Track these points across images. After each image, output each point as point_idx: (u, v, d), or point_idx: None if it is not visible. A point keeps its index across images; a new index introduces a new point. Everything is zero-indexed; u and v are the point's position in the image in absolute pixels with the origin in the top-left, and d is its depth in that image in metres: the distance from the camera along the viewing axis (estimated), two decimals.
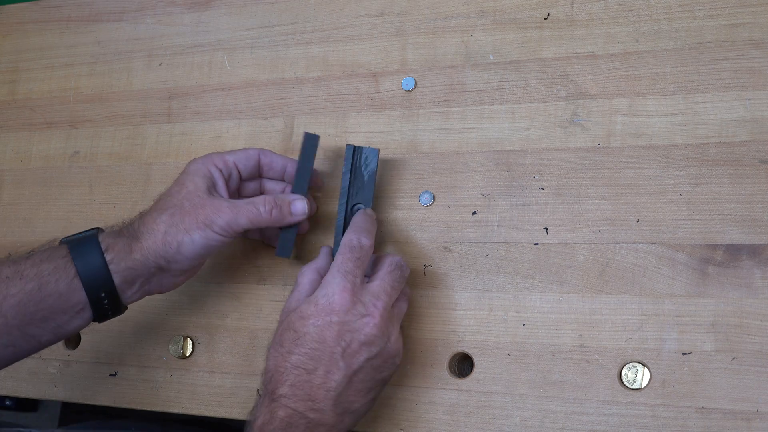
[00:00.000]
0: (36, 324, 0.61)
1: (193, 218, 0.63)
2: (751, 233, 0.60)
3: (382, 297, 0.60)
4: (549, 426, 0.61)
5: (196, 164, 0.67)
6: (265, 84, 0.79)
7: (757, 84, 0.62)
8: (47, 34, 0.91)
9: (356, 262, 0.61)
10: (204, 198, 0.64)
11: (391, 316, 0.61)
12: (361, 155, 0.69)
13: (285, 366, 0.58)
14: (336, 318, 0.59)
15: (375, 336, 0.59)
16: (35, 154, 0.87)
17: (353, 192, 0.68)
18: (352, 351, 0.58)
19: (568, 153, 0.66)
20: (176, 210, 0.64)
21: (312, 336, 0.59)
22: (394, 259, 0.63)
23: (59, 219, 0.83)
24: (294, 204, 0.67)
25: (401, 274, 0.63)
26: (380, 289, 0.61)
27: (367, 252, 0.62)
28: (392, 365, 0.61)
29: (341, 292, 0.59)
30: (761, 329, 0.58)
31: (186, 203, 0.64)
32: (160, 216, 0.64)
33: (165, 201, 0.65)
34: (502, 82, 0.70)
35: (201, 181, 0.65)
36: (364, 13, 0.77)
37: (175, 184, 0.67)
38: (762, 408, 0.57)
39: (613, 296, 0.62)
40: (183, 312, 0.75)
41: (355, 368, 0.59)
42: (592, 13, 0.68)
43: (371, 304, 0.60)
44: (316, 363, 0.58)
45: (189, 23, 0.84)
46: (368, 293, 0.60)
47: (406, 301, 0.64)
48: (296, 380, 0.58)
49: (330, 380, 0.58)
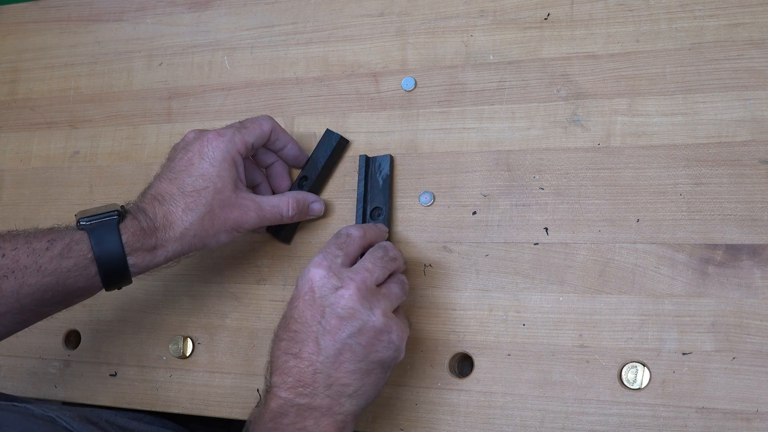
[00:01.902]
0: (51, 306, 0.62)
1: (222, 222, 0.64)
2: (751, 233, 0.60)
3: (361, 272, 0.59)
4: (549, 426, 0.61)
5: (219, 150, 0.64)
6: (265, 84, 0.79)
7: (757, 84, 0.62)
8: (47, 34, 0.91)
9: (339, 245, 0.61)
10: (232, 197, 0.64)
11: (374, 292, 0.58)
12: (375, 163, 0.71)
13: (276, 354, 0.58)
14: (314, 295, 0.58)
15: (352, 309, 0.57)
16: (35, 154, 0.87)
17: (370, 197, 0.70)
18: (332, 327, 0.57)
19: (568, 153, 0.66)
20: (206, 214, 0.63)
21: (294, 318, 0.58)
22: (380, 243, 0.63)
23: (59, 219, 0.83)
24: (312, 206, 0.70)
25: (384, 253, 0.61)
26: (359, 265, 0.59)
27: (355, 240, 0.61)
28: (387, 344, 0.58)
29: (316, 268, 0.59)
30: (761, 329, 0.58)
31: (216, 206, 0.63)
32: (189, 219, 0.62)
33: (193, 199, 0.63)
34: (502, 82, 0.70)
35: (228, 174, 0.64)
36: (364, 13, 0.77)
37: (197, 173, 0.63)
38: (762, 408, 0.57)
39: (613, 296, 0.62)
40: (183, 312, 0.75)
41: (338, 346, 0.56)
42: (592, 13, 0.68)
43: (347, 277, 0.58)
44: (300, 345, 0.57)
45: (189, 23, 0.84)
46: (347, 271, 0.59)
47: (399, 285, 0.62)
48: (284, 366, 0.57)
49: (315, 361, 0.56)
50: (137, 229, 0.61)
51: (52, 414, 0.59)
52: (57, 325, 0.79)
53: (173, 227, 0.62)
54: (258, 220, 0.65)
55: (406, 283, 0.63)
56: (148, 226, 0.62)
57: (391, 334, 0.58)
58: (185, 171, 0.64)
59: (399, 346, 0.59)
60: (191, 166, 0.64)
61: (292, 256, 0.73)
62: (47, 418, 0.58)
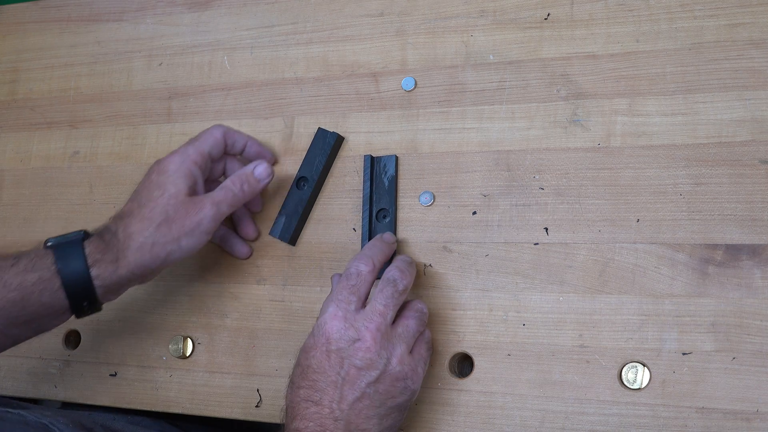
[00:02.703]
0: (18, 326, 0.62)
1: (180, 226, 0.64)
2: (751, 233, 0.60)
3: (375, 318, 0.59)
4: (549, 426, 0.61)
5: (174, 163, 0.66)
6: (265, 84, 0.79)
7: (757, 84, 0.62)
8: (47, 34, 0.91)
9: (350, 289, 0.60)
10: (187, 201, 0.65)
11: (389, 337, 0.59)
12: (380, 163, 0.70)
13: (296, 400, 0.59)
14: (331, 347, 0.59)
15: (370, 360, 0.58)
16: (35, 154, 0.87)
17: (376, 198, 0.70)
18: (351, 378, 0.58)
19: (568, 153, 0.66)
20: (163, 221, 0.64)
21: (313, 368, 0.59)
22: (387, 274, 0.62)
23: (59, 219, 0.83)
24: (255, 172, 0.68)
25: (394, 289, 0.61)
26: (371, 310, 0.60)
27: (365, 277, 0.61)
28: (404, 390, 0.59)
29: (332, 320, 0.59)
30: (761, 329, 0.58)
31: (170, 210, 0.64)
32: (146, 228, 0.63)
33: (149, 209, 0.64)
34: (502, 82, 0.70)
35: (183, 182, 0.65)
36: (364, 13, 0.77)
37: (154, 186, 0.65)
38: (762, 408, 0.57)
39: (613, 296, 0.62)
40: (183, 312, 0.75)
41: (357, 394, 0.58)
42: (592, 13, 0.68)
43: (363, 328, 0.59)
44: (321, 393, 0.58)
45: (189, 23, 0.84)
46: (361, 317, 0.59)
47: (415, 318, 0.62)
48: (305, 412, 0.58)
49: (335, 409, 0.57)
50: (99, 243, 0.63)
51: (45, 421, 0.59)
52: None
53: (132, 237, 0.63)
54: (215, 210, 0.65)
55: (424, 312, 0.63)
56: (109, 240, 0.64)
57: (407, 380, 0.59)
58: (144, 188, 0.66)
59: (415, 390, 0.60)
60: (150, 182, 0.66)
61: (292, 256, 0.73)
62: (40, 426, 0.58)
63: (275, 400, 0.70)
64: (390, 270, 0.62)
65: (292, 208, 0.72)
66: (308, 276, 0.72)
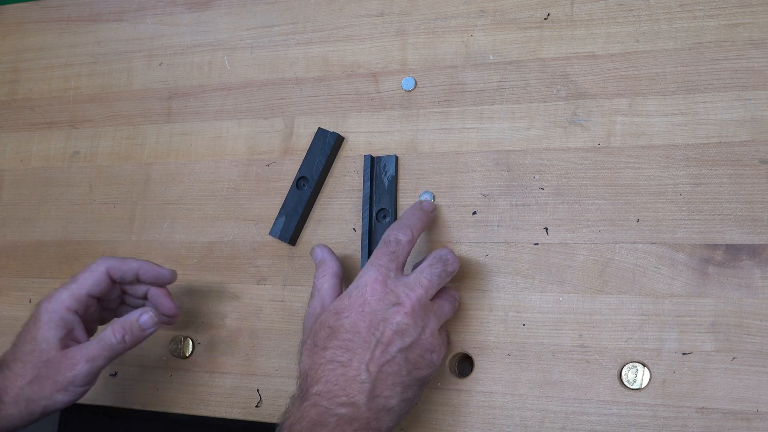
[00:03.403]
0: None
1: (52, 383, 0.63)
2: (751, 233, 0.60)
3: (417, 289, 0.60)
4: (549, 426, 0.61)
5: (47, 311, 0.64)
6: (265, 84, 0.79)
7: (757, 84, 0.62)
8: (47, 34, 0.91)
9: (390, 256, 0.61)
10: (57, 357, 0.63)
11: (427, 309, 0.60)
12: (380, 163, 0.70)
13: (320, 363, 0.58)
14: (368, 308, 0.58)
15: (407, 324, 0.58)
16: (35, 154, 0.87)
17: (376, 198, 0.70)
18: (385, 340, 0.58)
19: (568, 153, 0.66)
20: (34, 378, 0.62)
21: (346, 328, 0.58)
22: (439, 252, 0.62)
23: (59, 219, 0.83)
24: (141, 320, 0.65)
25: (443, 268, 0.61)
26: (415, 281, 0.60)
27: (404, 246, 0.61)
28: (429, 363, 0.59)
29: (373, 283, 0.59)
30: (761, 329, 0.58)
31: (41, 368, 0.63)
32: (19, 384, 0.62)
33: (21, 365, 0.63)
34: (502, 82, 0.70)
35: (54, 333, 0.63)
36: (364, 13, 0.77)
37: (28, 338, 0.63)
38: (762, 408, 0.57)
39: (613, 296, 0.62)
40: (183, 312, 0.75)
41: (387, 358, 0.57)
42: (592, 13, 0.68)
43: (404, 294, 0.59)
44: (351, 354, 0.57)
45: (189, 23, 0.84)
46: (402, 284, 0.60)
47: (450, 302, 0.63)
48: (331, 375, 0.57)
49: (363, 371, 0.57)
50: None
51: None
52: None
53: (7, 392, 0.63)
54: (91, 366, 0.63)
55: (457, 299, 0.64)
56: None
57: (434, 354, 0.60)
58: (22, 336, 0.65)
59: (437, 366, 0.61)
60: (26, 331, 0.65)
61: (293, 256, 0.73)
62: None
63: (275, 400, 0.70)
64: (443, 250, 0.62)
65: (292, 208, 0.72)
66: (308, 276, 0.72)
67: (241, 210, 0.76)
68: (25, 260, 0.83)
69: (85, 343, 0.64)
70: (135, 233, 0.79)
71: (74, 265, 0.80)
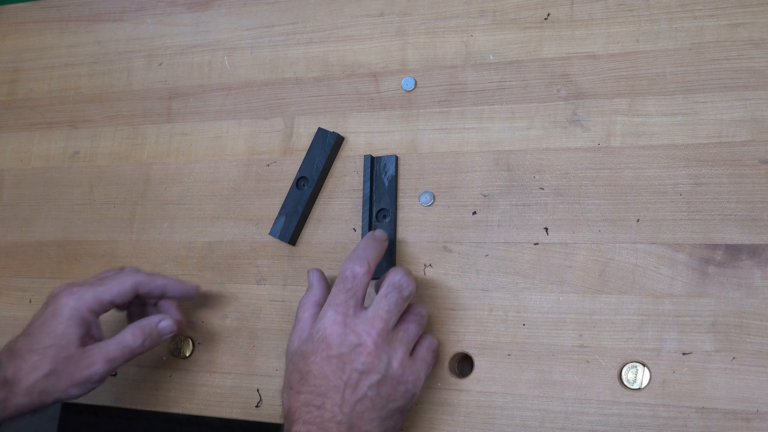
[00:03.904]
0: None
1: (68, 378, 0.64)
2: (751, 233, 0.60)
3: (377, 323, 0.60)
4: (549, 426, 0.61)
5: (70, 308, 0.65)
6: (265, 84, 0.79)
7: (757, 84, 0.62)
8: (47, 34, 0.91)
9: (347, 294, 0.61)
10: (76, 354, 0.64)
11: (390, 340, 0.60)
12: (380, 163, 0.71)
13: (296, 405, 0.59)
14: (332, 351, 0.59)
15: (372, 363, 0.58)
16: (35, 154, 0.87)
17: (376, 198, 0.70)
18: (353, 382, 0.58)
19: (568, 153, 0.66)
20: (51, 371, 0.63)
21: (314, 374, 0.59)
22: (392, 279, 0.62)
23: (59, 219, 0.83)
24: (160, 326, 0.67)
25: (399, 295, 0.61)
26: (374, 314, 0.60)
27: (361, 279, 0.61)
28: (405, 393, 0.60)
29: (332, 325, 0.60)
30: (761, 329, 0.58)
31: (59, 363, 0.63)
32: (35, 375, 0.63)
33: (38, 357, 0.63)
34: (502, 82, 0.70)
35: (75, 331, 0.64)
36: (364, 13, 0.77)
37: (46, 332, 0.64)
38: (762, 408, 0.57)
39: (613, 296, 0.62)
40: (183, 312, 0.75)
41: (358, 397, 0.58)
42: (592, 13, 0.68)
43: (364, 333, 0.59)
44: (323, 398, 0.58)
45: (189, 23, 0.84)
46: (362, 321, 0.60)
47: (415, 322, 0.62)
48: (308, 417, 0.58)
49: (338, 413, 0.58)
50: None
51: None
52: None
53: (20, 383, 0.63)
54: (107, 365, 0.64)
55: (424, 316, 0.63)
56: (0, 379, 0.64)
57: (408, 384, 0.60)
58: (38, 328, 0.65)
59: (415, 393, 0.61)
60: (44, 323, 0.65)
61: (292, 256, 0.73)
62: None
63: (275, 400, 0.70)
64: (396, 275, 0.62)
65: (292, 208, 0.72)
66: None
67: (241, 210, 0.76)
68: (25, 260, 0.83)
69: (104, 343, 0.65)
70: (135, 233, 0.79)
71: (74, 265, 0.80)
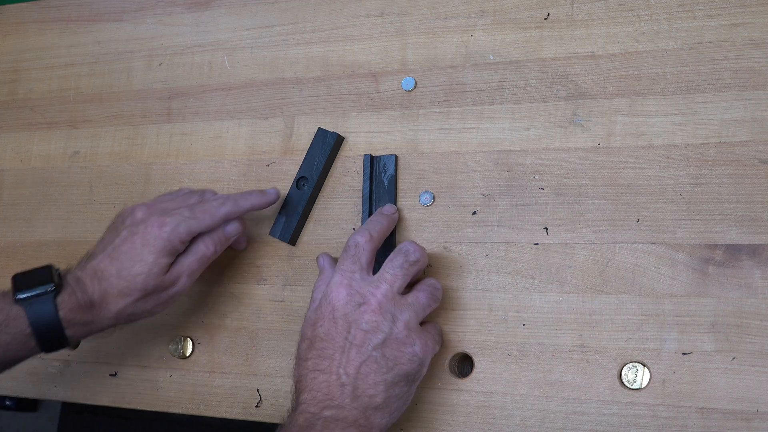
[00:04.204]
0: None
1: (156, 299, 0.65)
2: (751, 233, 0.60)
3: (381, 285, 0.60)
4: (549, 426, 0.61)
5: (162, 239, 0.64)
6: (265, 84, 0.79)
7: (757, 84, 0.62)
8: (47, 34, 0.91)
9: (351, 259, 0.62)
10: (165, 279, 0.65)
11: (397, 303, 0.60)
12: (380, 163, 0.71)
13: (303, 374, 0.60)
14: (338, 313, 0.60)
15: (376, 321, 0.59)
16: (35, 154, 0.87)
17: (375, 197, 0.70)
18: (358, 341, 0.58)
19: (568, 153, 0.66)
20: (141, 296, 0.64)
21: (321, 336, 0.60)
22: (401, 247, 0.63)
23: (59, 219, 0.83)
24: (227, 230, 0.68)
25: (404, 259, 0.61)
26: (378, 277, 0.61)
27: (363, 247, 0.62)
28: (412, 357, 0.59)
29: (337, 287, 0.60)
30: (761, 329, 0.58)
31: (149, 289, 0.64)
32: (124, 301, 0.64)
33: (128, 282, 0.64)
34: (502, 82, 0.70)
35: (165, 260, 0.65)
36: (364, 13, 0.77)
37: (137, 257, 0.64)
38: (762, 408, 0.57)
39: (613, 296, 0.62)
40: (183, 312, 0.75)
41: (363, 358, 0.58)
42: (592, 13, 0.68)
43: (368, 293, 0.60)
44: (329, 361, 0.59)
45: (189, 23, 0.84)
46: (367, 283, 0.61)
47: (427, 292, 0.62)
48: (314, 383, 0.58)
49: (342, 375, 0.58)
50: (74, 305, 0.63)
51: None
52: None
53: (109, 307, 0.64)
54: (190, 279, 0.67)
55: (438, 288, 0.63)
56: (85, 302, 0.63)
57: (414, 346, 0.59)
58: (127, 254, 0.64)
59: (423, 359, 0.60)
60: (133, 249, 0.65)
61: (292, 256, 0.73)
62: None
63: (275, 400, 0.70)
64: (405, 244, 0.63)
65: (292, 208, 0.72)
66: (308, 276, 0.72)
67: None
68: (25, 260, 0.83)
69: (183, 258, 0.66)
70: None
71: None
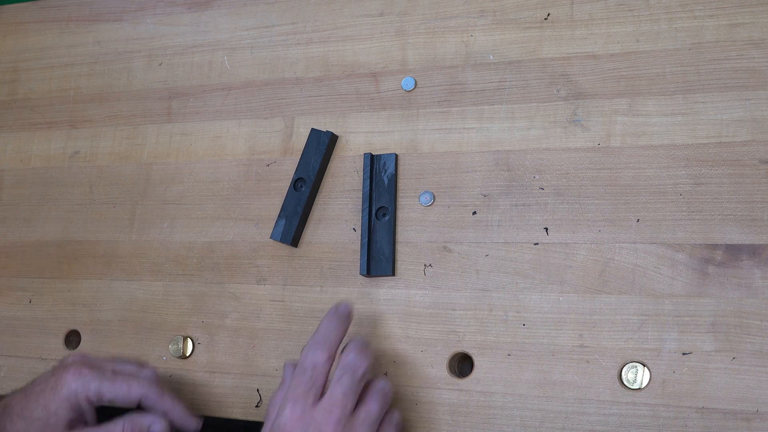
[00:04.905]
0: None
1: None
2: (751, 233, 0.60)
3: (334, 411, 0.58)
4: (549, 426, 0.61)
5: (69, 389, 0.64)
6: (265, 84, 0.79)
7: (757, 84, 0.62)
8: (47, 34, 0.91)
9: (307, 385, 0.59)
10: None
11: (351, 427, 0.59)
12: (380, 161, 0.71)
13: None
14: None
15: None
16: (35, 154, 0.87)
17: (375, 196, 0.70)
18: None
19: (568, 153, 0.66)
20: None
21: None
22: (345, 360, 0.60)
23: (59, 219, 0.83)
24: (153, 428, 0.66)
25: (352, 377, 0.60)
26: (330, 402, 0.59)
27: (320, 369, 0.60)
28: None
29: (291, 421, 0.58)
30: (761, 329, 0.58)
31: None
32: None
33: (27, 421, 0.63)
34: (502, 82, 0.70)
35: (65, 414, 0.64)
36: (364, 13, 0.77)
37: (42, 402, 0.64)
38: (762, 408, 0.57)
39: (613, 296, 0.62)
40: (183, 312, 0.75)
41: None
42: (592, 13, 0.68)
43: (323, 422, 0.58)
44: None
45: (189, 23, 0.84)
46: (319, 412, 0.59)
47: (377, 400, 0.61)
48: None
49: None
50: None
51: None
52: (57, 325, 0.79)
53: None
54: None
55: (387, 391, 0.62)
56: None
57: None
58: (35, 396, 0.65)
59: None
60: (42, 393, 0.65)
61: (293, 256, 0.73)
62: None
63: None
64: (348, 355, 0.61)
65: (291, 210, 0.72)
66: (308, 276, 0.72)
67: (241, 210, 0.76)
68: (25, 260, 0.83)
69: (93, 429, 0.65)
70: (135, 233, 0.79)
71: (74, 265, 0.80)
